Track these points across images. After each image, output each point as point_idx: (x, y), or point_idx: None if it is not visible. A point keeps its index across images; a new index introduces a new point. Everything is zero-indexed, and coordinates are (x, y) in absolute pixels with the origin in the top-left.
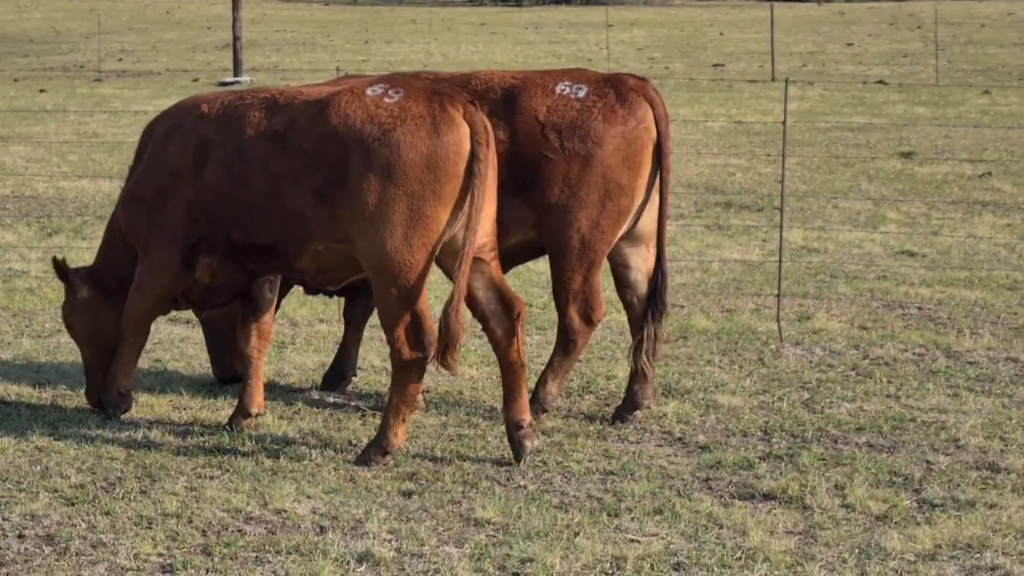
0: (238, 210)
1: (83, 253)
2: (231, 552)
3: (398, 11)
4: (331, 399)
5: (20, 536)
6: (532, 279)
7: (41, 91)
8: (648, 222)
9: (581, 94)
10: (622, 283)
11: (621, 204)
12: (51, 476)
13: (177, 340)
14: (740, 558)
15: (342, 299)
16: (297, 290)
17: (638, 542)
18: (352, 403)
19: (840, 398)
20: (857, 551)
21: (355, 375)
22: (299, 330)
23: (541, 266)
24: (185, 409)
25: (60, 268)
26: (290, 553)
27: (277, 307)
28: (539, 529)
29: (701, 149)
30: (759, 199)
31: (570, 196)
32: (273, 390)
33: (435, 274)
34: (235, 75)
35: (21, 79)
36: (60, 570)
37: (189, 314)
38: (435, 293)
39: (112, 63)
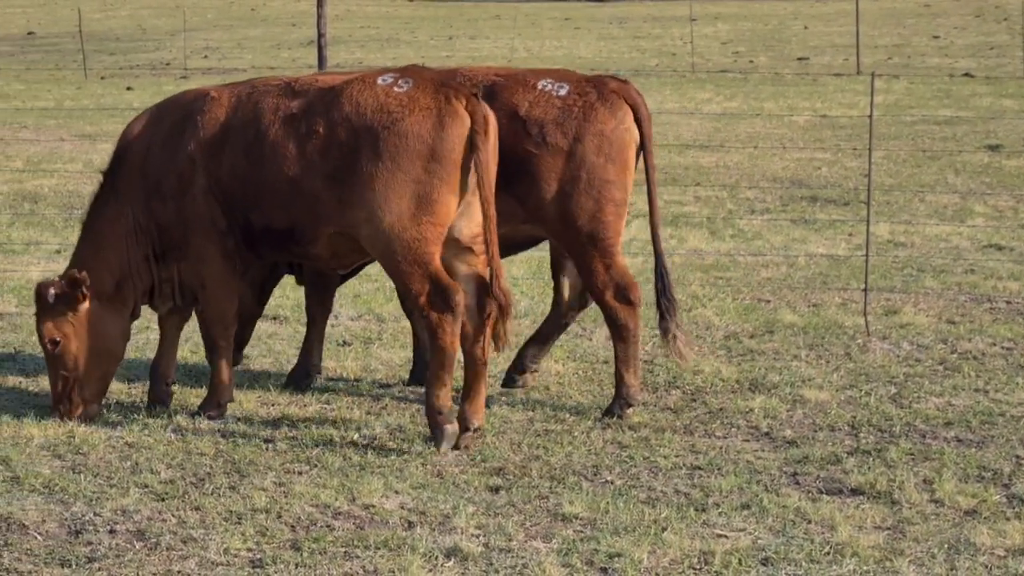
0: (257, 194)
1: None
2: (320, 547)
3: (482, 7)
4: (421, 395)
5: (112, 531)
6: None
7: (128, 89)
8: None
9: (562, 92)
10: (556, 270)
11: (615, 196)
12: (141, 472)
13: (264, 336)
14: (828, 553)
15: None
16: (384, 286)
17: (726, 537)
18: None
19: (928, 392)
20: (946, 546)
21: (319, 372)
22: (386, 326)
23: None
24: (273, 405)
25: (75, 281)
26: (378, 548)
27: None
28: (626, 524)
29: (786, 143)
30: (845, 193)
31: (558, 191)
32: (360, 386)
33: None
34: (320, 71)
35: (108, 77)
36: (151, 565)
37: (277, 309)
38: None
39: (198, 60)
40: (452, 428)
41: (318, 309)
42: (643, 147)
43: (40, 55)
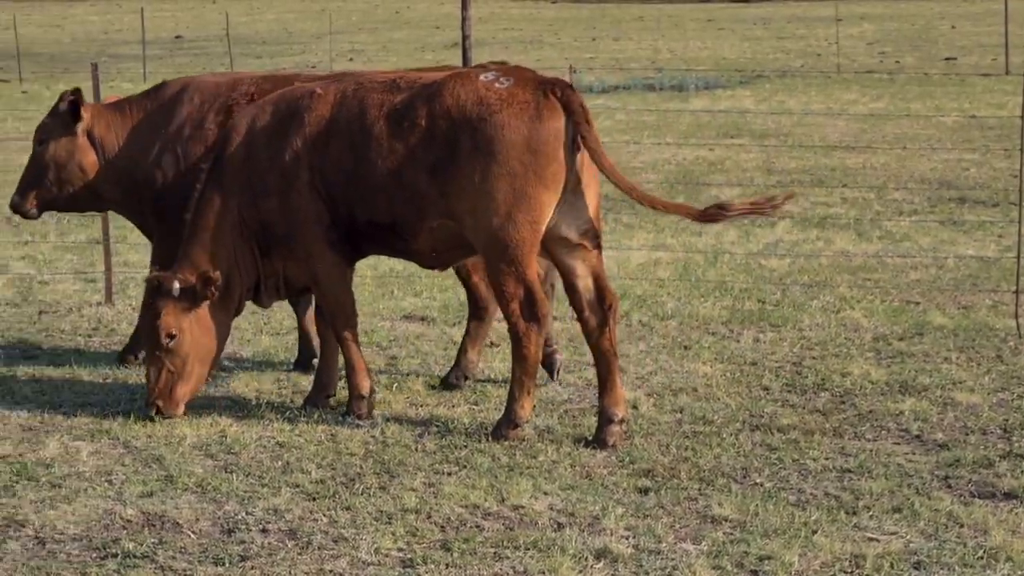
0: (361, 188)
1: None
2: (470, 547)
3: (626, 8)
4: (566, 395)
5: (264, 530)
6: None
7: None
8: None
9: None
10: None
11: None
12: (292, 471)
13: (412, 337)
14: (982, 557)
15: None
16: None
17: (877, 540)
18: (587, 402)
19: None
20: None
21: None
22: None
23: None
24: (421, 406)
25: (208, 279)
26: (528, 549)
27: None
28: (776, 527)
29: (934, 144)
30: (994, 194)
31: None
32: (502, 388)
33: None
34: None
35: None
36: (303, 564)
37: (425, 311)
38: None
39: (343, 63)
40: (519, 434)
41: (303, 305)
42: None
43: (188, 58)
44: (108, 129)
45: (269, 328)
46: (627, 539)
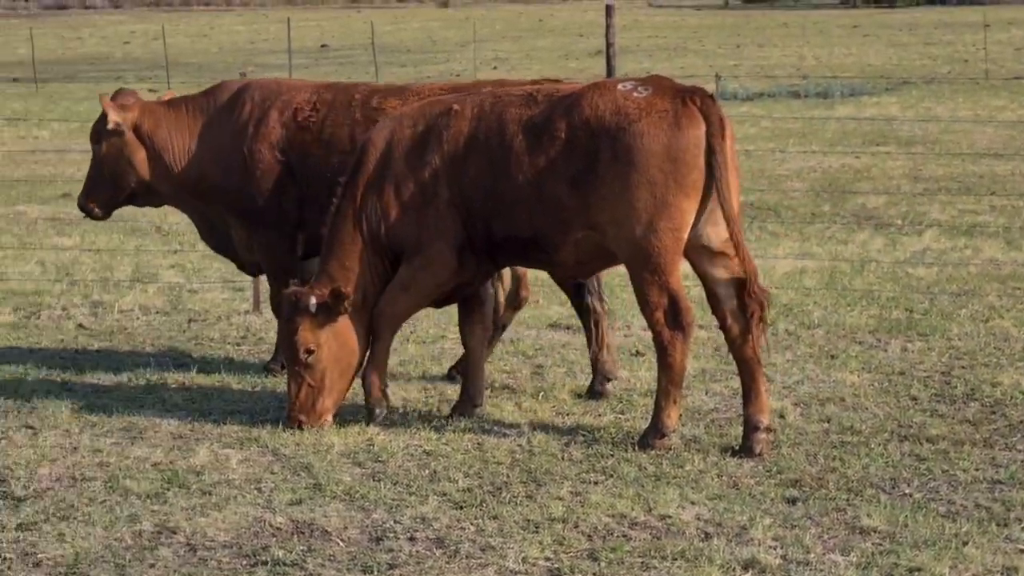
0: (501, 203)
1: None
2: (617, 557)
3: (770, 15)
4: (715, 406)
5: (411, 538)
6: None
7: None
8: None
9: None
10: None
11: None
12: (439, 480)
13: (558, 346)
14: None
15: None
16: None
17: None
18: (734, 411)
19: None
20: None
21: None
22: None
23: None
24: (568, 415)
25: (340, 295)
26: (675, 559)
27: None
28: (926, 538)
29: None
30: None
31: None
32: (648, 398)
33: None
34: None
35: None
36: (451, 572)
37: (571, 319)
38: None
39: (487, 71)
40: (666, 444)
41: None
42: None
43: (334, 67)
44: (158, 125)
45: (415, 337)
46: (775, 550)
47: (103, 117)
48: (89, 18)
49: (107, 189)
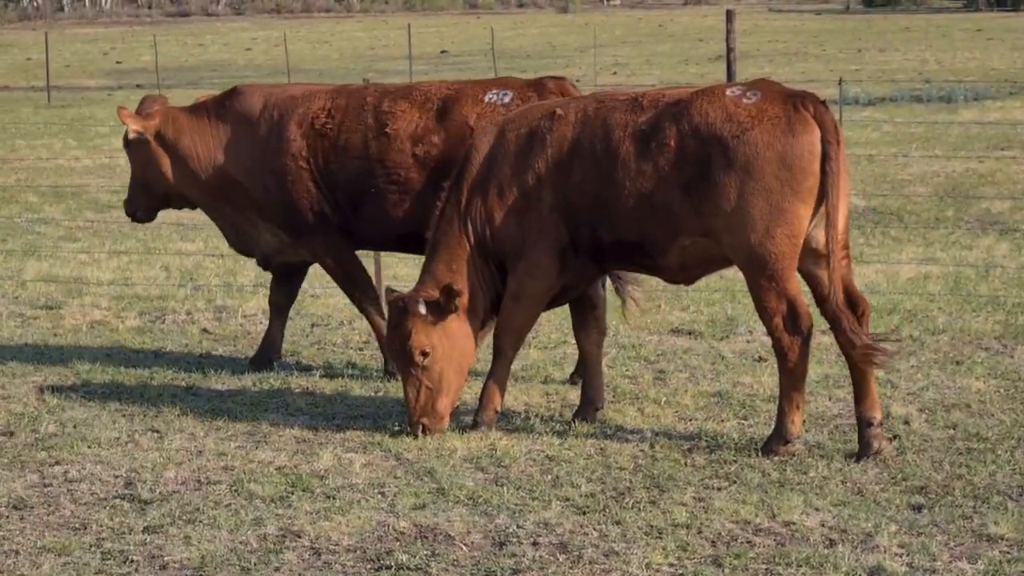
0: (607, 209)
1: None
2: (741, 563)
3: (891, 19)
4: (838, 412)
5: (534, 543)
6: None
7: None
8: None
9: (507, 99)
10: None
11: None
12: (562, 485)
13: (680, 351)
14: None
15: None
16: None
17: None
18: (847, 415)
19: None
20: None
21: (279, 359)
22: None
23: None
24: (690, 420)
25: (452, 292)
26: (800, 566)
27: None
28: None
29: None
30: None
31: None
32: (771, 403)
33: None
34: None
35: None
36: None
37: (692, 324)
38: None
39: (606, 76)
40: (789, 450)
41: (285, 299)
42: None
43: (453, 72)
44: (181, 132)
45: (537, 342)
46: (901, 557)
47: None
48: (211, 25)
49: (143, 194)
